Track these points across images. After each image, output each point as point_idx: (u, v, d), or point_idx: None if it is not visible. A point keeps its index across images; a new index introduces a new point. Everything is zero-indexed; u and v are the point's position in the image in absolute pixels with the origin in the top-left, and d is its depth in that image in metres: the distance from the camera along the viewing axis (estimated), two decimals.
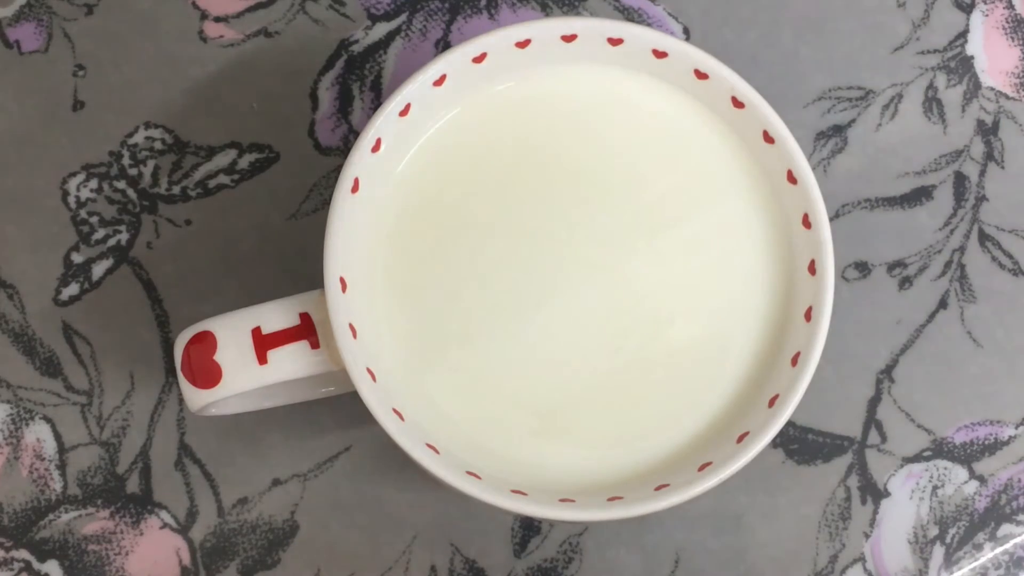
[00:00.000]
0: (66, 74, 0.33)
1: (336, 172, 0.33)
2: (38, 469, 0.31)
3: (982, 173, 0.34)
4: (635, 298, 0.27)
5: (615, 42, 0.27)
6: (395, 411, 0.25)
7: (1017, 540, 0.32)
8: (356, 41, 0.34)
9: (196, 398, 0.26)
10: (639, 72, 0.27)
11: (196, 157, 0.33)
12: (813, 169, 0.27)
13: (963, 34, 0.35)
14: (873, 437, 0.32)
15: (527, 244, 0.27)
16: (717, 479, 0.25)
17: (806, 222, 0.26)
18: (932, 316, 0.33)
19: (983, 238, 0.34)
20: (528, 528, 0.32)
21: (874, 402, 0.33)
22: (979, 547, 0.32)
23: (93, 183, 0.33)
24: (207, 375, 0.25)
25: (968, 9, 0.35)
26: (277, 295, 0.26)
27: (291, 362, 0.25)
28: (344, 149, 0.33)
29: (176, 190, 0.33)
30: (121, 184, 0.33)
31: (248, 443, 0.32)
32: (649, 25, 0.34)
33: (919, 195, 0.34)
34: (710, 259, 0.27)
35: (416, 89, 0.26)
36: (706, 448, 0.26)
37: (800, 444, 0.32)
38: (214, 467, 0.31)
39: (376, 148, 0.26)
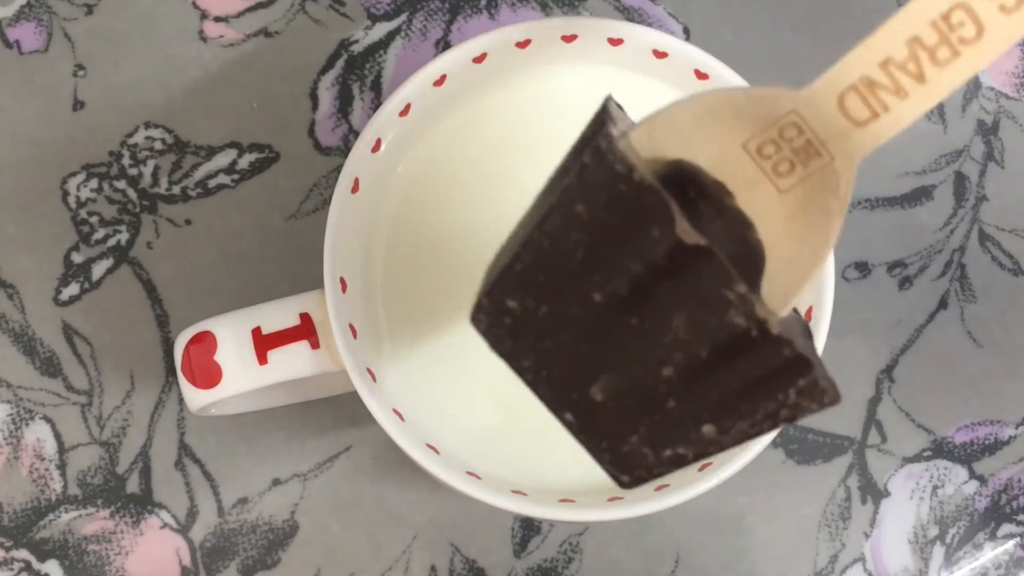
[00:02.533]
0: (66, 74, 0.33)
1: (336, 172, 0.33)
2: (38, 469, 0.31)
3: (982, 173, 0.34)
4: None
5: (615, 42, 0.27)
6: (395, 411, 0.25)
7: (1017, 540, 0.32)
8: (356, 41, 0.34)
9: (196, 398, 0.26)
10: (639, 72, 0.27)
11: (196, 157, 0.33)
12: None
13: None
14: (873, 437, 0.32)
15: None
16: (717, 479, 0.25)
17: None
18: (932, 316, 0.33)
19: (983, 238, 0.34)
20: (528, 528, 0.32)
21: (874, 402, 0.33)
22: (979, 547, 0.32)
23: (93, 183, 0.33)
24: (207, 375, 0.25)
25: None
26: (277, 295, 0.26)
27: (291, 362, 0.25)
28: (344, 149, 0.33)
29: (176, 190, 0.33)
30: (121, 184, 0.33)
31: (248, 443, 0.32)
32: (649, 25, 0.34)
33: (919, 195, 0.34)
34: None
35: (416, 89, 0.26)
36: None
37: (800, 444, 0.32)
38: (214, 467, 0.31)
39: (376, 148, 0.26)
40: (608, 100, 0.19)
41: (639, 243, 0.17)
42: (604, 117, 0.18)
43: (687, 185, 0.18)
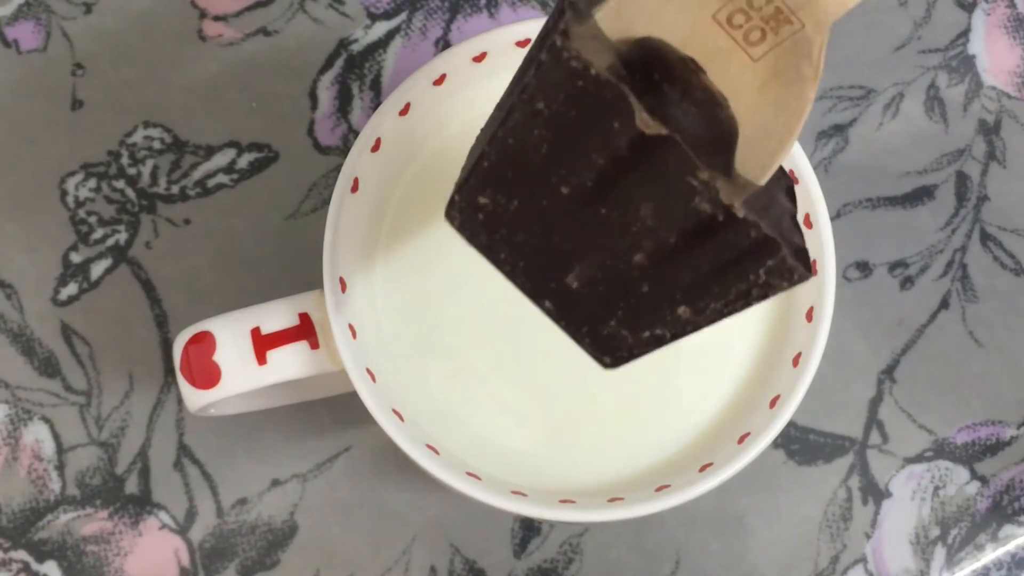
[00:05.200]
0: (65, 73, 0.33)
1: (335, 171, 0.33)
2: (36, 470, 0.31)
3: (984, 172, 0.34)
4: None
5: None
6: (395, 411, 0.25)
7: (1019, 541, 0.32)
8: (355, 40, 0.34)
9: (195, 398, 0.25)
10: None
11: (195, 156, 0.33)
12: (814, 168, 0.27)
13: (965, 33, 0.35)
14: (874, 437, 0.32)
15: None
16: (718, 480, 0.25)
17: (807, 222, 0.26)
18: (934, 316, 0.33)
19: (985, 238, 0.33)
20: (528, 529, 0.31)
21: (875, 402, 0.33)
22: (981, 548, 0.32)
23: (92, 182, 0.32)
24: (206, 375, 0.25)
25: (970, 8, 0.35)
26: (277, 295, 0.26)
27: (290, 362, 0.25)
28: (343, 148, 0.33)
29: (175, 189, 0.33)
30: (120, 183, 0.33)
31: (248, 443, 0.31)
32: None
33: (921, 195, 0.34)
34: None
35: (416, 88, 0.26)
36: (707, 449, 0.26)
37: (801, 444, 0.32)
38: (213, 467, 0.31)
39: (376, 147, 0.26)
40: None
41: (601, 137, 0.18)
42: (563, 6, 0.18)
43: (653, 66, 0.19)
